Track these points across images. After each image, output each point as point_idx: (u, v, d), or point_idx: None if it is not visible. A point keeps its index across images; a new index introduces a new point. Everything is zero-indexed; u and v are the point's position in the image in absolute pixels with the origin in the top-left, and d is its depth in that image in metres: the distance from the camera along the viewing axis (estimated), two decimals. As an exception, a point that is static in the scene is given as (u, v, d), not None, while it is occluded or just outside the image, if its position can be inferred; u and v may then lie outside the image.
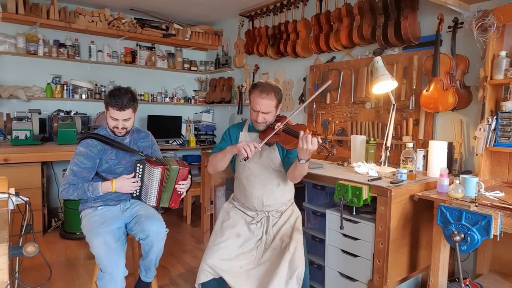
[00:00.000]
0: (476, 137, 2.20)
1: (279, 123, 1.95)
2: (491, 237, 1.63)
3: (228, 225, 2.03)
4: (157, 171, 2.12)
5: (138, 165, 2.18)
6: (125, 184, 2.15)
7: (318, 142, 1.71)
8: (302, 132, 1.74)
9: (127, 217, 2.19)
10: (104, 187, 2.11)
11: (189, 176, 2.23)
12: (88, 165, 2.11)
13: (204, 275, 1.88)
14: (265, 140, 1.86)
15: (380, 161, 2.63)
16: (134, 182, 2.17)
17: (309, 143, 1.70)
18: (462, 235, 1.68)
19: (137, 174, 2.18)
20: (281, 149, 2.04)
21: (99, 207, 2.16)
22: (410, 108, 2.71)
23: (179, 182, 2.17)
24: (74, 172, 2.10)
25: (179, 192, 2.20)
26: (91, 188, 2.09)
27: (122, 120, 2.10)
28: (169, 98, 5.02)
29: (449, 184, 1.95)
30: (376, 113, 2.96)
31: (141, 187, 2.21)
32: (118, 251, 1.94)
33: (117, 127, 2.12)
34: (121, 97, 2.05)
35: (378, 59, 2.61)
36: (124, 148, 2.18)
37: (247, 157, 1.79)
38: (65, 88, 4.14)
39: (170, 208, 2.25)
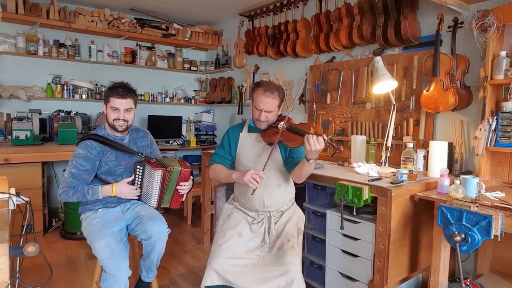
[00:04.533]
0: (476, 137, 2.20)
1: (281, 122, 1.94)
2: (492, 237, 1.63)
3: (230, 226, 2.03)
4: (158, 174, 2.10)
5: (138, 167, 2.16)
6: (125, 190, 2.12)
7: (324, 139, 1.71)
8: (306, 135, 1.74)
9: (128, 218, 2.17)
10: (104, 191, 2.09)
11: (191, 178, 2.21)
12: (87, 167, 2.08)
13: (209, 279, 1.87)
14: (265, 166, 1.89)
15: (380, 161, 2.63)
16: (134, 189, 2.15)
17: (316, 143, 1.70)
18: (463, 236, 1.68)
19: (137, 176, 2.17)
20: (283, 149, 2.04)
21: (99, 210, 2.14)
22: (411, 108, 2.71)
23: (180, 184, 2.16)
24: (74, 174, 2.07)
25: (180, 193, 2.19)
26: (91, 191, 2.06)
27: (123, 110, 2.08)
28: (169, 98, 5.02)
29: (450, 185, 1.95)
30: (376, 113, 2.96)
31: (141, 189, 2.19)
32: (121, 253, 1.94)
33: (119, 119, 2.08)
34: (121, 87, 2.10)
35: (378, 59, 2.61)
36: (124, 149, 2.15)
37: (256, 188, 1.85)
38: (65, 88, 4.13)
39: (170, 208, 2.25)
